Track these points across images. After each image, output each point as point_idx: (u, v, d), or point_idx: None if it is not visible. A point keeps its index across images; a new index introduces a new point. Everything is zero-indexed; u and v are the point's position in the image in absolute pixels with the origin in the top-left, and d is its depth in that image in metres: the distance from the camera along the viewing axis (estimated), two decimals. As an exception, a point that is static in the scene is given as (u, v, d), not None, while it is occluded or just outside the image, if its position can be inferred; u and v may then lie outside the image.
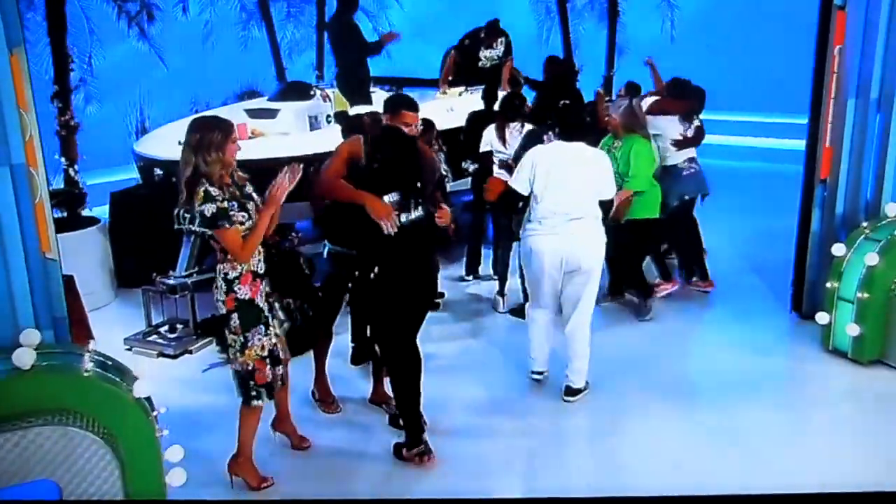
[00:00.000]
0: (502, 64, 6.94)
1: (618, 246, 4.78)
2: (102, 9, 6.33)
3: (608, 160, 4.17)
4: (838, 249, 4.37)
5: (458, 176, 5.77)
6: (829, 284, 4.41)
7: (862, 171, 4.59)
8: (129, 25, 6.55)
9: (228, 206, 3.03)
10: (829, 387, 4.24)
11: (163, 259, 4.82)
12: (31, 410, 2.74)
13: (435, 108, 5.90)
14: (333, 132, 5.24)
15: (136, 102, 6.64)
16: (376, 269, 3.39)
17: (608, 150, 4.84)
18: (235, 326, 3.16)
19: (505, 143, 5.18)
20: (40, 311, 3.14)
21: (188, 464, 3.03)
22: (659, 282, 5.37)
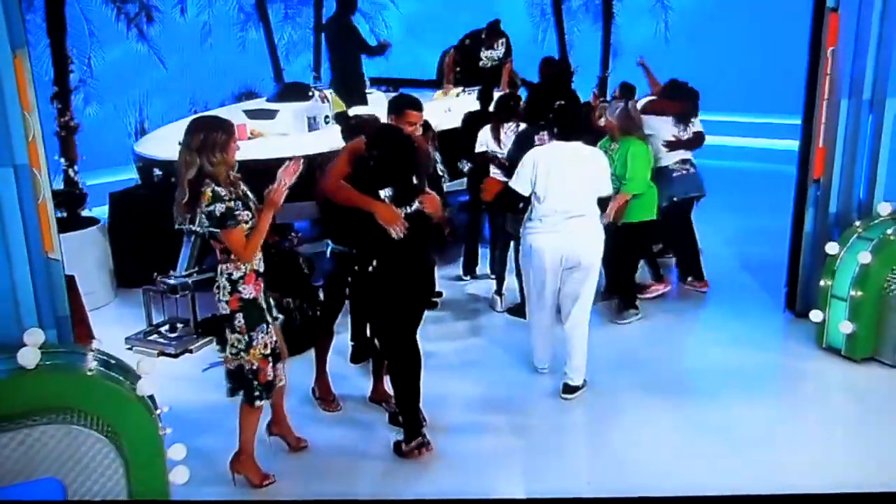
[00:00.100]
0: (502, 65, 6.97)
1: (614, 248, 4.83)
2: (102, 10, 6.34)
3: (605, 158, 4.23)
4: (832, 248, 4.42)
5: (455, 176, 5.80)
6: (822, 283, 4.46)
7: (855, 171, 4.64)
8: (128, 27, 6.56)
9: (234, 205, 3.05)
10: (823, 383, 4.30)
11: (162, 259, 4.84)
12: (36, 409, 2.75)
13: (432, 109, 5.93)
14: (332, 133, 5.27)
15: (135, 103, 6.65)
16: (374, 262, 3.42)
17: (605, 151, 4.88)
18: (240, 326, 3.16)
19: (500, 143, 5.22)
20: (44, 311, 3.15)
21: (190, 462, 3.06)
22: (651, 283, 5.41)
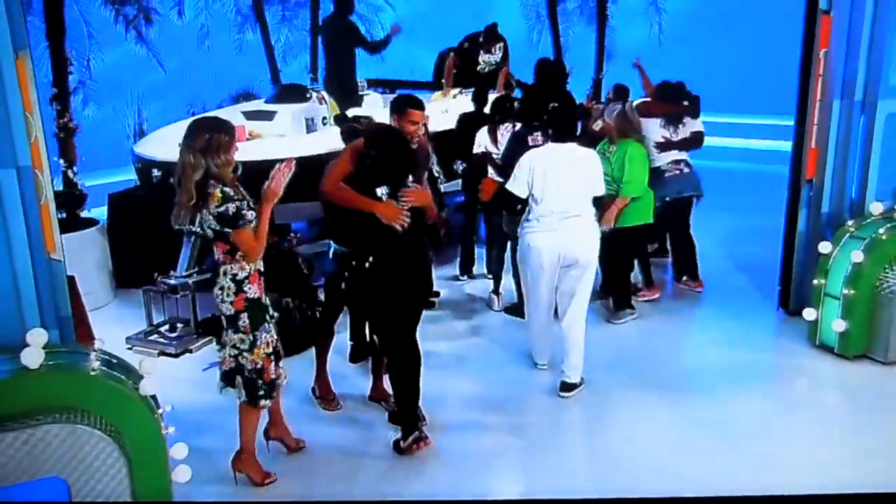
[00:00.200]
0: (499, 69, 7.02)
1: (609, 249, 4.88)
2: (101, 13, 6.36)
3: (598, 159, 4.28)
4: (825, 247, 4.47)
5: (451, 177, 5.84)
6: (815, 281, 4.51)
7: (847, 171, 4.69)
8: (127, 29, 6.58)
9: (241, 205, 3.06)
10: (816, 381, 4.35)
11: (161, 260, 4.86)
12: (40, 409, 2.77)
13: (430, 110, 5.96)
14: (329, 134, 5.30)
15: (133, 104, 6.67)
16: (371, 258, 3.45)
17: (603, 154, 4.90)
18: (245, 326, 3.16)
19: (497, 144, 5.26)
20: (46, 311, 3.16)
21: (191, 461, 3.07)
22: (641, 288, 5.45)
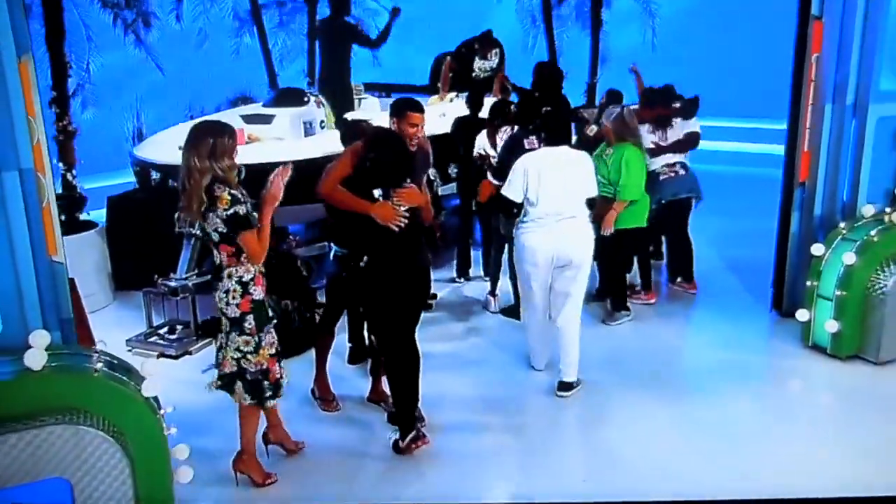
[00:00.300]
0: (496, 75, 7.06)
1: (604, 252, 4.93)
2: (100, 16, 6.38)
3: (590, 160, 4.33)
4: (817, 249, 4.52)
5: (447, 180, 5.88)
6: (808, 283, 4.56)
7: (839, 174, 4.74)
8: (126, 32, 6.60)
9: (248, 207, 3.09)
10: (809, 381, 4.40)
11: (159, 262, 4.88)
12: (43, 410, 2.79)
13: (427, 114, 6.00)
14: (327, 137, 5.34)
15: (132, 108, 6.69)
16: (365, 258, 3.48)
17: (600, 157, 4.94)
18: (250, 328, 3.18)
19: (496, 147, 5.30)
20: (48, 313, 3.19)
21: (191, 462, 3.10)
22: (639, 290, 5.49)
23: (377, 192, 3.48)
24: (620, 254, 5.15)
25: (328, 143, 4.90)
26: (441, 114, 6.21)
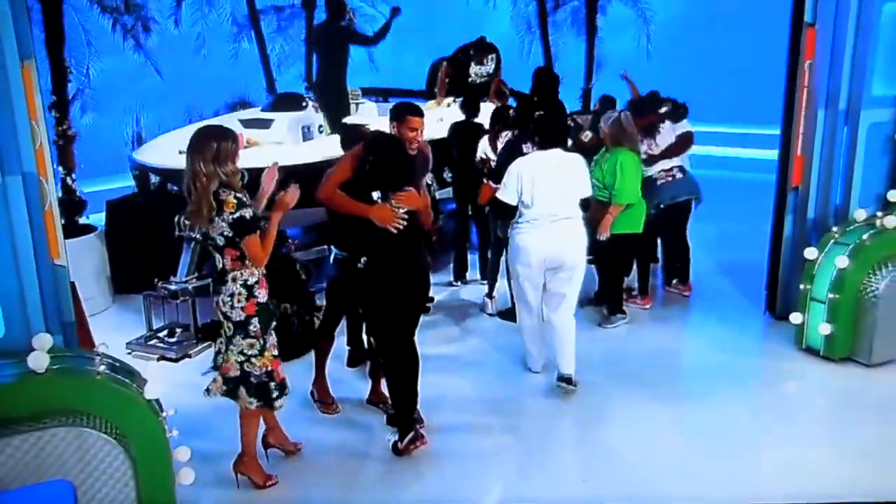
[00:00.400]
0: (492, 80, 7.11)
1: (598, 256, 4.97)
2: (99, 21, 6.40)
3: (583, 162, 4.38)
4: (810, 253, 4.57)
5: (443, 185, 5.93)
6: (802, 286, 4.60)
7: (831, 179, 4.79)
8: (125, 37, 6.62)
9: (254, 210, 3.12)
10: (803, 383, 4.44)
11: (158, 265, 4.90)
12: (46, 412, 2.81)
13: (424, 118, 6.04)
14: (325, 142, 5.38)
15: (132, 112, 6.70)
16: (364, 259, 3.51)
17: (596, 161, 4.98)
18: (255, 331, 3.20)
19: (497, 152, 5.36)
20: (50, 316, 3.20)
21: (192, 464, 3.11)
22: (636, 293, 5.54)
23: (376, 195, 3.52)
24: (617, 258, 5.20)
25: (327, 147, 4.94)
26: (439, 119, 6.26)
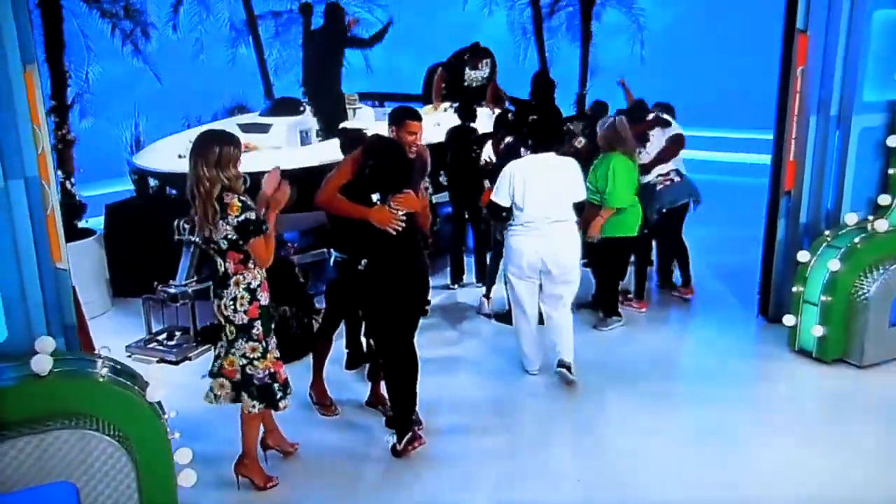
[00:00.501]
0: (488, 84, 7.16)
1: (597, 261, 5.02)
2: (98, 26, 6.42)
3: (577, 165, 4.43)
4: (803, 256, 4.62)
5: (438, 189, 5.97)
6: (794, 289, 4.66)
7: (823, 183, 4.85)
8: (124, 42, 6.64)
9: (258, 213, 3.13)
10: (795, 384, 4.49)
11: (157, 269, 4.92)
12: (49, 415, 2.82)
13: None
14: (323, 146, 5.41)
15: (130, 116, 6.73)
16: (364, 261, 3.53)
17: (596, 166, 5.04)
18: (258, 333, 3.22)
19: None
20: (52, 320, 3.21)
21: (194, 466, 3.12)
22: (632, 297, 5.58)
23: (375, 197, 3.56)
24: (611, 262, 5.24)
25: (325, 151, 4.97)
26: (436, 123, 6.30)
